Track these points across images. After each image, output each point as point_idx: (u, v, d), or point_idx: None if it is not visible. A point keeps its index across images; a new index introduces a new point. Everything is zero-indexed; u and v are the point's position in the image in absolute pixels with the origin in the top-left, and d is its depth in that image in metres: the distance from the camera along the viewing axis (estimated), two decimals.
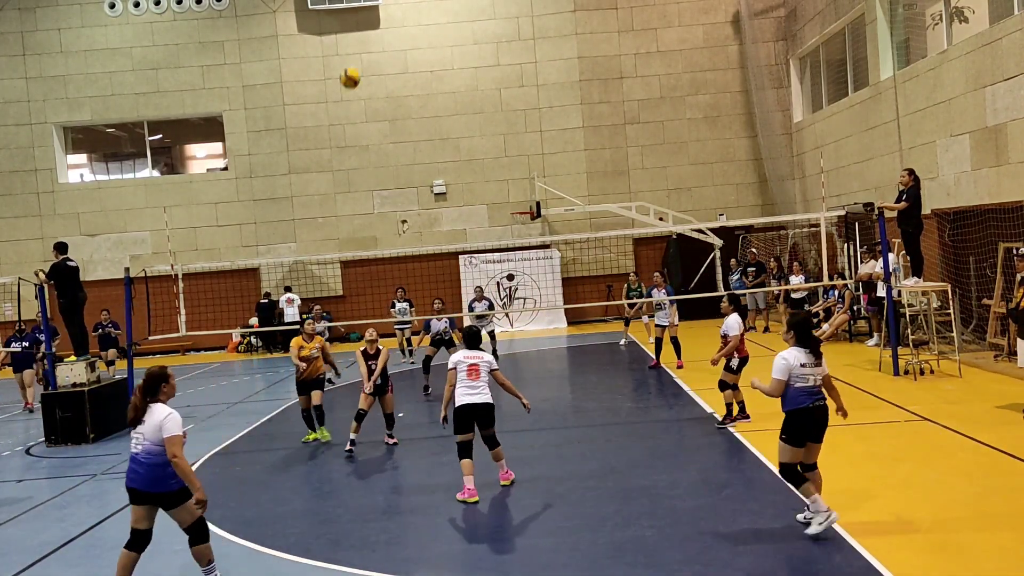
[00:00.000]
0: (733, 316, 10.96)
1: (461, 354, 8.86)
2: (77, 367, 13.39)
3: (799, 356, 6.84)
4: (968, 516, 7.08)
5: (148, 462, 6.19)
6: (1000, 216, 14.50)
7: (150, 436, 6.21)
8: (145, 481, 6.21)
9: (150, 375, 6.41)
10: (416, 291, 22.25)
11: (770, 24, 25.76)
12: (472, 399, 8.60)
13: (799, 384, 6.79)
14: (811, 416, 6.79)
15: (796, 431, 6.80)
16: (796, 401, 6.79)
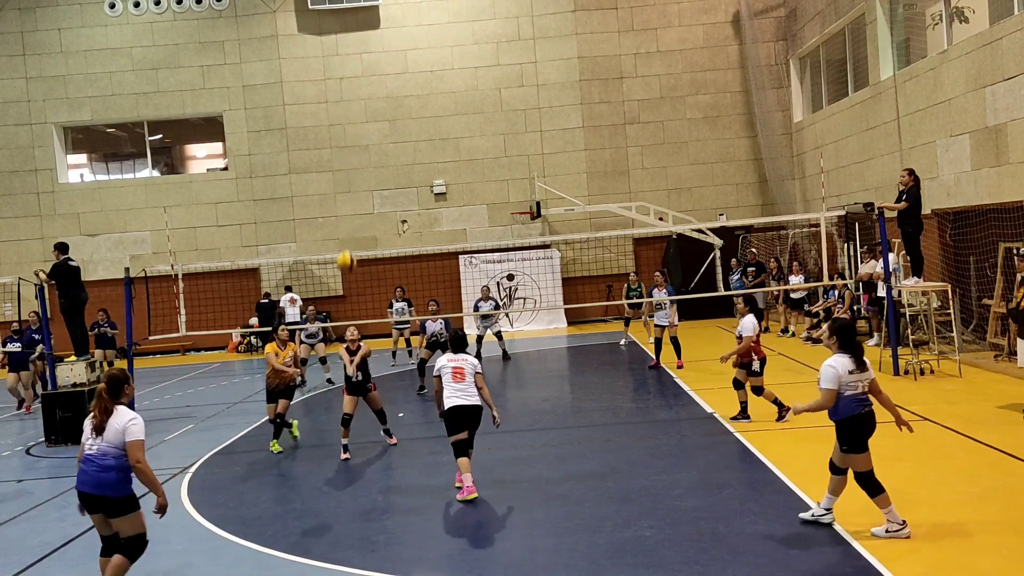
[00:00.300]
0: (749, 317, 10.92)
1: (445, 358, 8.94)
2: (77, 367, 13.39)
3: (846, 363, 6.73)
4: (968, 516, 7.07)
5: (102, 463, 6.03)
6: (1000, 216, 14.50)
7: (109, 438, 6.06)
8: (93, 483, 6.04)
9: (113, 377, 6.24)
10: (416, 291, 22.25)
11: (770, 24, 25.76)
12: (461, 401, 8.66)
13: (849, 392, 6.70)
14: (863, 423, 6.74)
15: (855, 437, 6.73)
16: (849, 409, 6.71)
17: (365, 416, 13.75)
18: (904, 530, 6.64)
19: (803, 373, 14.42)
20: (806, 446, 9.72)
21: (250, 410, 14.74)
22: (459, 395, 8.67)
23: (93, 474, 6.04)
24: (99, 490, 6.03)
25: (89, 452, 6.10)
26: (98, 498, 6.06)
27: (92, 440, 6.11)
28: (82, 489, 6.11)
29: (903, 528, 6.65)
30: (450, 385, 8.73)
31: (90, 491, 6.07)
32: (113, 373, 6.29)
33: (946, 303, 14.41)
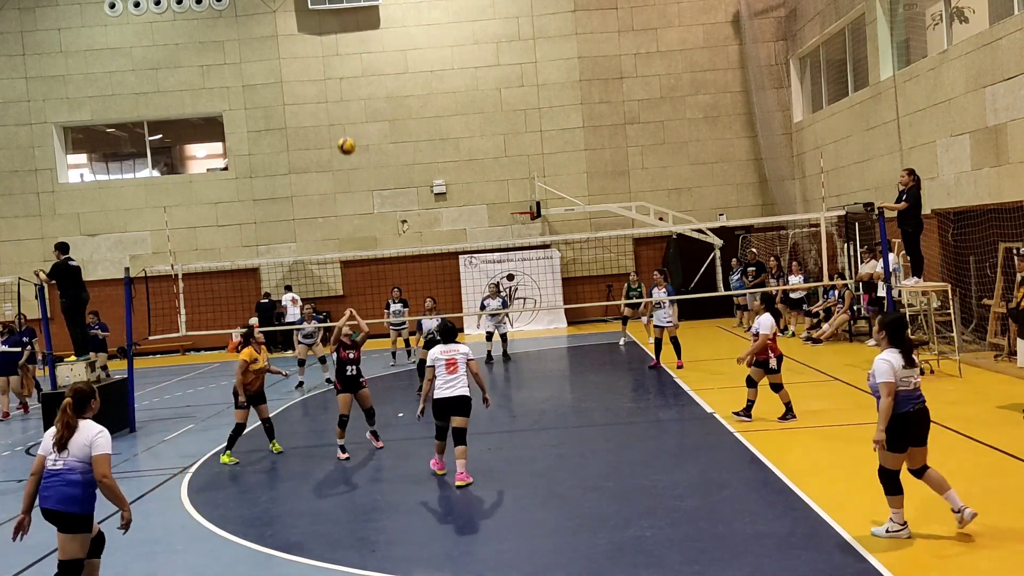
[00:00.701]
0: (766, 316, 10.97)
1: (438, 349, 9.26)
2: (77, 367, 13.39)
3: (899, 358, 6.55)
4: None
5: (68, 479, 5.84)
6: (1000, 216, 14.50)
7: (75, 452, 5.87)
8: (58, 499, 5.83)
9: (79, 392, 6.06)
10: (416, 291, 22.20)
11: (770, 24, 25.76)
12: (449, 393, 9.04)
13: (901, 388, 6.50)
14: (912, 420, 6.52)
15: (897, 437, 6.50)
16: (898, 406, 6.48)
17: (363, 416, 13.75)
18: (904, 531, 6.58)
19: (803, 373, 14.42)
20: (806, 446, 9.72)
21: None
22: (449, 387, 9.05)
23: (58, 489, 5.84)
24: (64, 506, 5.83)
25: (53, 468, 5.90)
26: (61, 514, 5.85)
27: (55, 455, 5.91)
28: (45, 505, 5.88)
29: (903, 529, 6.58)
30: (443, 376, 9.09)
31: (53, 507, 5.85)
32: (79, 387, 6.11)
33: (946, 303, 14.41)
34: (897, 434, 6.52)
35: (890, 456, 6.58)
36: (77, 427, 5.94)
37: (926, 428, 6.62)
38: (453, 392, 9.03)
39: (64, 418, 5.95)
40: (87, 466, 5.87)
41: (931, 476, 6.67)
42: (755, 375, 10.96)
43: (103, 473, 5.84)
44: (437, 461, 9.48)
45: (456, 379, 9.07)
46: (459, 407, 9.07)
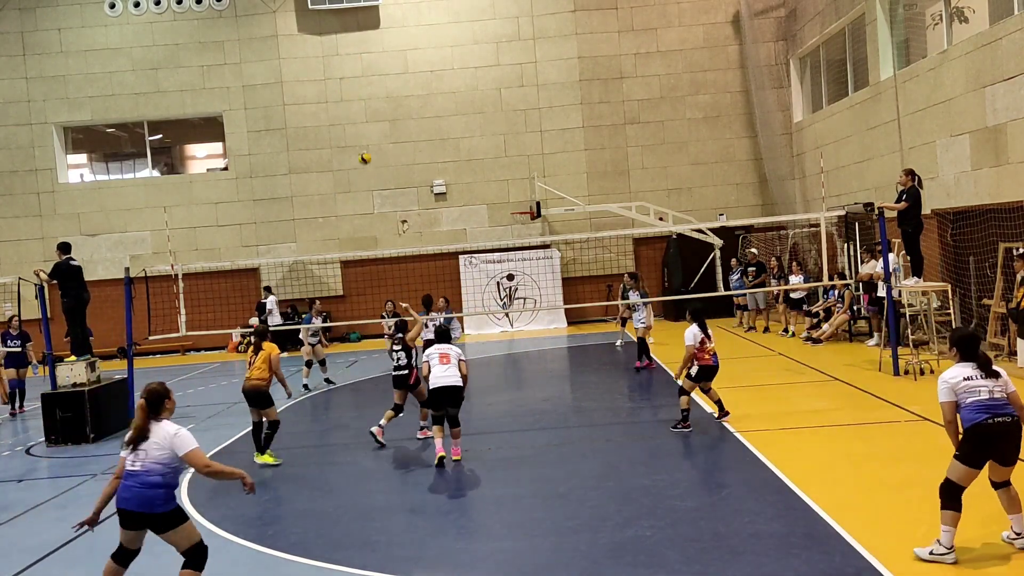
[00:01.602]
0: (690, 328, 10.91)
1: (433, 348, 10.16)
2: (77, 367, 13.39)
3: (962, 371, 6.29)
4: (968, 517, 7.06)
5: (147, 480, 5.79)
6: (1000, 216, 14.50)
7: (154, 454, 5.83)
8: (138, 502, 5.80)
9: (153, 392, 6.02)
10: (416, 291, 22.21)
11: (770, 24, 25.76)
12: (444, 382, 9.86)
13: (971, 399, 6.15)
14: (990, 433, 6.06)
15: (971, 450, 6.13)
16: (970, 418, 6.13)
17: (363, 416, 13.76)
18: (950, 555, 6.09)
19: (803, 373, 14.43)
20: (806, 446, 9.73)
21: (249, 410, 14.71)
22: (443, 377, 9.86)
23: (137, 491, 5.79)
24: (145, 507, 5.79)
25: (131, 468, 5.84)
26: (144, 515, 5.82)
27: (132, 456, 5.86)
28: (125, 507, 5.82)
29: (949, 553, 6.09)
30: (437, 367, 9.95)
31: (135, 509, 5.80)
32: (153, 387, 6.04)
33: (946, 303, 14.42)
34: (970, 446, 6.12)
35: (960, 468, 6.16)
36: (151, 429, 5.90)
37: (1012, 445, 6.13)
38: (447, 382, 9.85)
39: (138, 422, 5.93)
40: (167, 467, 5.85)
41: (1009, 492, 6.30)
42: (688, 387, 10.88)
43: (204, 465, 5.91)
44: (440, 446, 9.99)
45: (449, 368, 9.92)
46: (454, 396, 9.91)
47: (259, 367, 10.63)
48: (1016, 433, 6.13)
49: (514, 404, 13.94)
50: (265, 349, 10.76)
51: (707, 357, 10.82)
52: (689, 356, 10.80)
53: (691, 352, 10.78)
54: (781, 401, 12.33)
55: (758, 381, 14.15)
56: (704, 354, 10.81)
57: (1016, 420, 6.12)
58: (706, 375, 10.87)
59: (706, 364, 10.81)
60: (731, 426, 10.79)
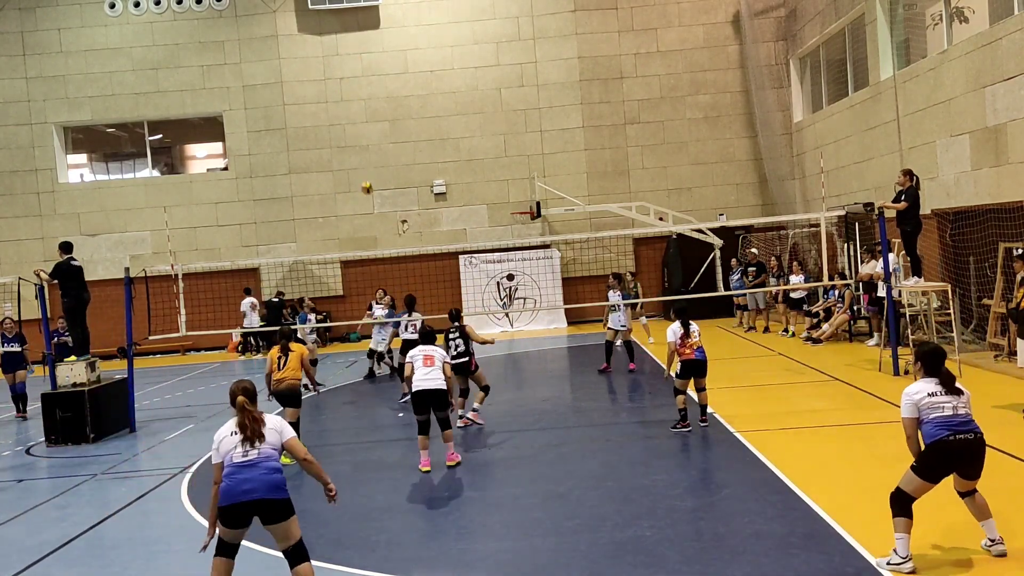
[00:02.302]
0: (672, 324, 10.88)
1: (417, 349, 10.03)
2: (77, 367, 13.38)
3: (926, 387, 6.19)
4: (968, 517, 7.07)
5: (269, 466, 5.84)
6: (1000, 216, 14.50)
7: (270, 439, 5.94)
8: (268, 487, 5.77)
9: (247, 389, 6.08)
10: (416, 291, 22.16)
11: (770, 24, 25.76)
12: (426, 385, 9.71)
13: (933, 415, 6.08)
14: (951, 450, 6.02)
15: (931, 465, 6.07)
16: (932, 434, 6.06)
17: (363, 416, 13.77)
18: (906, 564, 6.02)
19: (803, 373, 14.42)
20: (806, 446, 9.72)
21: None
22: (426, 380, 9.72)
23: (263, 478, 5.78)
24: (274, 493, 5.79)
25: (247, 459, 5.81)
26: (271, 502, 5.78)
27: (246, 448, 5.85)
28: (252, 497, 5.73)
29: (905, 562, 6.03)
30: (420, 369, 9.80)
31: (263, 496, 5.75)
32: (246, 385, 6.11)
33: (946, 303, 14.41)
34: (930, 461, 6.08)
35: (916, 481, 6.10)
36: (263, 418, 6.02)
37: (974, 463, 6.09)
38: (429, 385, 9.70)
39: (249, 413, 5.97)
40: (280, 453, 6.00)
41: (975, 500, 6.25)
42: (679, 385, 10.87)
43: (305, 453, 6.13)
44: (424, 459, 9.78)
45: (432, 371, 9.77)
46: (437, 399, 9.74)
47: (292, 367, 10.85)
48: (978, 450, 6.11)
49: (514, 404, 13.94)
50: (295, 349, 11.00)
51: (688, 352, 10.71)
52: (671, 352, 10.80)
53: (672, 348, 10.76)
54: (781, 401, 12.33)
55: (758, 381, 14.15)
56: (685, 349, 10.72)
57: (978, 437, 6.10)
58: (691, 371, 10.76)
59: (688, 359, 10.71)
60: (731, 426, 10.78)
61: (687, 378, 10.82)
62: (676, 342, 10.74)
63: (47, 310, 14.05)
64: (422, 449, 9.78)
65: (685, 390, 10.85)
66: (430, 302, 23.01)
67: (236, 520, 5.81)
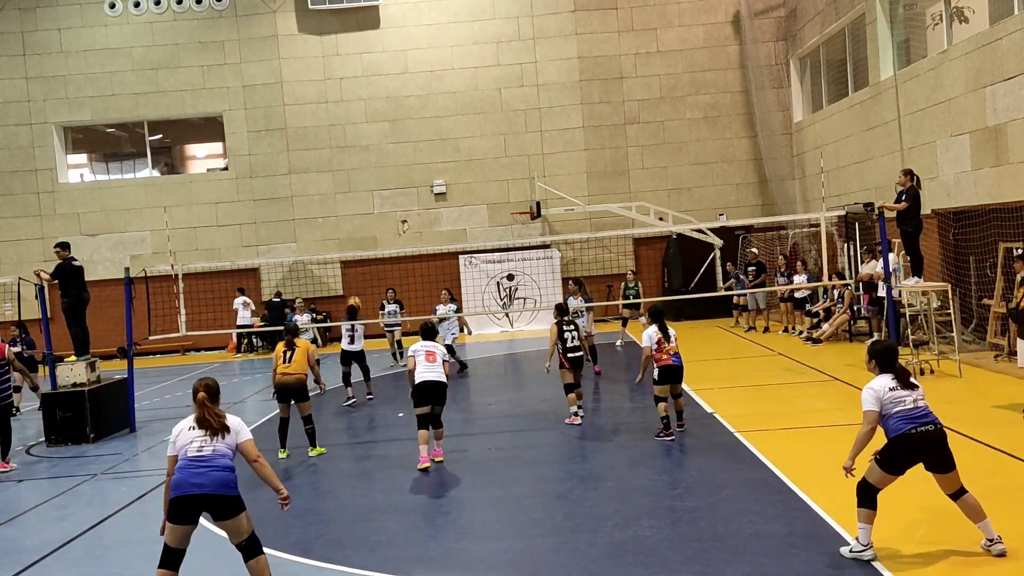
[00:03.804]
0: (648, 328, 10.65)
1: (419, 344, 10.13)
2: (77, 367, 13.39)
3: (886, 381, 6.37)
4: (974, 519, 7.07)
5: (222, 464, 6.00)
6: (1000, 216, 14.51)
7: (225, 439, 6.10)
8: (218, 483, 5.93)
9: (209, 385, 6.24)
10: (416, 291, 22.23)
11: (770, 24, 25.76)
12: (429, 376, 9.81)
13: (896, 409, 6.22)
14: (914, 443, 6.13)
15: (894, 457, 6.19)
16: (896, 428, 6.19)
17: (363, 416, 13.77)
18: (868, 551, 6.21)
19: (803, 373, 14.42)
20: (806, 446, 9.72)
21: (250, 410, 14.74)
22: (429, 373, 9.82)
23: (215, 475, 5.94)
24: (223, 489, 5.94)
25: (200, 455, 5.98)
26: (220, 498, 5.93)
27: (203, 442, 6.02)
28: (201, 492, 5.88)
29: (867, 549, 6.21)
30: (423, 364, 9.89)
31: (212, 491, 5.90)
32: (209, 382, 6.28)
33: (946, 303, 14.41)
34: (894, 455, 6.22)
35: (879, 473, 6.24)
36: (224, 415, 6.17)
37: (939, 453, 6.21)
38: (432, 376, 9.80)
39: (208, 409, 6.13)
40: (233, 452, 6.14)
41: (967, 501, 6.30)
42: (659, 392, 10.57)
43: (256, 455, 6.20)
44: (423, 458, 9.77)
45: (435, 366, 9.87)
46: (438, 393, 9.82)
47: (299, 362, 11.01)
48: (941, 441, 6.22)
49: (514, 404, 13.94)
50: (301, 345, 11.15)
51: (665, 358, 10.45)
52: (646, 357, 10.60)
53: (647, 353, 10.54)
54: (781, 401, 12.33)
55: (758, 381, 14.15)
56: (662, 355, 10.47)
57: (939, 428, 6.22)
58: (668, 376, 10.48)
59: (665, 365, 10.44)
60: (731, 426, 10.78)
61: (666, 384, 10.49)
62: (652, 347, 10.47)
63: (47, 310, 14.04)
64: (422, 444, 9.76)
65: (666, 396, 10.52)
66: (430, 302, 22.98)
67: (184, 514, 5.90)
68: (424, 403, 9.80)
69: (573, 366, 11.56)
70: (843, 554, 6.33)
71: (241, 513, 6.03)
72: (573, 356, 11.60)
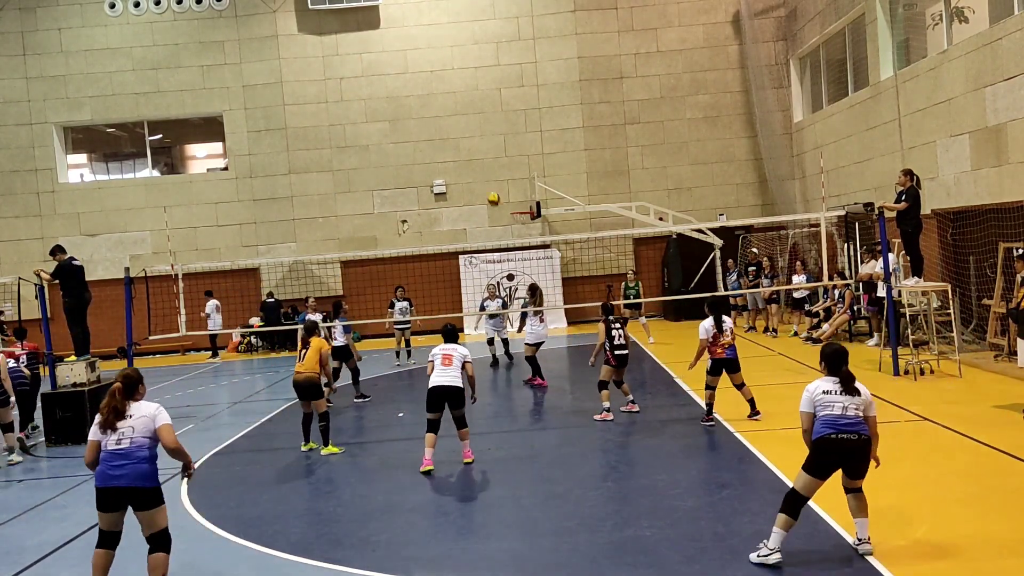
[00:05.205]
0: (705, 320, 10.95)
1: (439, 348, 9.96)
2: (77, 367, 13.39)
3: (823, 384, 6.48)
4: (968, 516, 7.07)
5: (139, 456, 6.12)
6: (1000, 216, 14.51)
7: (140, 430, 6.19)
8: (134, 476, 6.10)
9: (128, 377, 6.37)
10: (416, 291, 22.25)
11: (770, 24, 25.76)
12: (442, 382, 9.66)
13: (824, 412, 6.36)
14: (834, 448, 6.26)
15: (815, 461, 6.32)
16: (818, 431, 6.34)
17: (363, 415, 13.77)
18: (773, 555, 6.24)
19: (803, 373, 14.42)
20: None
21: (250, 410, 14.74)
22: (443, 377, 9.67)
23: (131, 467, 6.10)
24: (140, 482, 6.10)
25: (119, 448, 6.12)
26: (137, 490, 6.11)
27: (112, 436, 6.16)
28: (119, 484, 6.09)
29: (773, 554, 6.25)
30: (438, 368, 9.76)
31: (129, 484, 6.08)
32: (128, 373, 6.42)
33: (946, 303, 14.41)
34: (814, 458, 6.31)
35: (803, 477, 6.32)
36: (126, 410, 6.23)
37: (856, 462, 6.31)
38: (443, 382, 9.64)
39: (112, 402, 6.23)
40: (153, 441, 6.23)
41: (857, 497, 6.41)
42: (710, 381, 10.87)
43: (174, 440, 6.24)
44: (426, 460, 9.68)
45: (450, 371, 9.70)
46: (454, 397, 9.67)
47: (311, 360, 11.07)
48: (861, 451, 6.31)
49: (514, 404, 13.94)
50: (314, 344, 11.18)
51: (719, 351, 10.81)
52: (701, 349, 10.84)
53: (703, 346, 10.81)
54: (781, 401, 12.31)
55: (758, 381, 14.11)
56: (716, 347, 10.78)
57: (862, 439, 6.30)
58: (720, 369, 10.85)
59: (718, 358, 10.81)
60: (731, 426, 10.79)
61: (718, 375, 10.88)
62: (707, 340, 10.77)
63: (47, 310, 14.04)
64: (428, 447, 9.68)
65: (715, 386, 10.92)
66: (430, 302, 23.05)
67: (107, 503, 6.17)
68: (435, 408, 9.69)
69: (619, 364, 11.73)
70: (751, 560, 6.34)
71: (158, 506, 6.21)
72: (620, 354, 11.72)
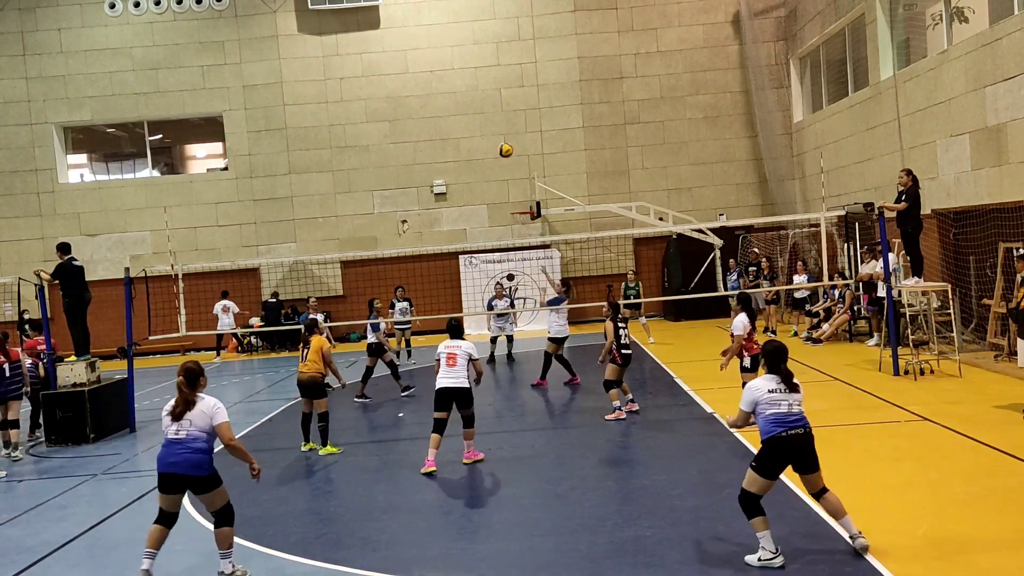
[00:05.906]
0: (740, 316, 10.99)
1: (443, 345, 9.95)
2: (77, 367, 13.39)
3: (768, 383, 6.52)
4: (968, 516, 7.07)
5: (194, 447, 6.55)
6: (1000, 216, 14.50)
7: (197, 423, 6.58)
8: (188, 465, 6.53)
9: (190, 370, 6.69)
10: (416, 291, 22.26)
11: (770, 24, 25.76)
12: (448, 383, 9.69)
13: (770, 411, 6.41)
14: (785, 446, 6.35)
15: (767, 461, 6.38)
16: (767, 430, 6.40)
17: (363, 415, 13.78)
18: (777, 559, 6.25)
19: (803, 373, 14.41)
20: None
21: (250, 410, 14.75)
22: (448, 378, 9.70)
23: (186, 456, 6.54)
24: (193, 470, 6.55)
25: (177, 437, 6.58)
26: (191, 478, 6.58)
27: (175, 426, 6.59)
28: (173, 471, 6.56)
29: (776, 557, 6.25)
30: (443, 368, 9.77)
31: (184, 472, 6.55)
32: (189, 365, 6.73)
33: (946, 303, 14.41)
34: (766, 458, 6.37)
35: (755, 478, 6.36)
36: (195, 401, 6.65)
37: (806, 455, 6.41)
38: (449, 383, 9.67)
39: (181, 395, 6.66)
40: (209, 435, 6.64)
41: (828, 499, 6.48)
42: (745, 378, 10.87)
43: (230, 438, 6.68)
44: (429, 461, 9.65)
45: (455, 371, 9.69)
46: (460, 397, 9.70)
47: (313, 359, 11.07)
48: (808, 444, 6.45)
49: (514, 404, 13.94)
50: (315, 342, 11.14)
51: (755, 347, 10.82)
52: (737, 346, 10.82)
53: (739, 342, 10.79)
54: None
55: None
56: (752, 343, 10.81)
57: (808, 431, 6.45)
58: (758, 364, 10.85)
59: (756, 353, 10.78)
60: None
61: (755, 371, 10.78)
62: (744, 336, 10.77)
63: (47, 310, 14.05)
64: (431, 447, 9.65)
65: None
66: (430, 302, 23.06)
67: (165, 486, 6.66)
68: (441, 408, 9.71)
69: (624, 363, 11.76)
70: (750, 563, 6.32)
71: (215, 489, 6.64)
72: (626, 353, 11.77)
